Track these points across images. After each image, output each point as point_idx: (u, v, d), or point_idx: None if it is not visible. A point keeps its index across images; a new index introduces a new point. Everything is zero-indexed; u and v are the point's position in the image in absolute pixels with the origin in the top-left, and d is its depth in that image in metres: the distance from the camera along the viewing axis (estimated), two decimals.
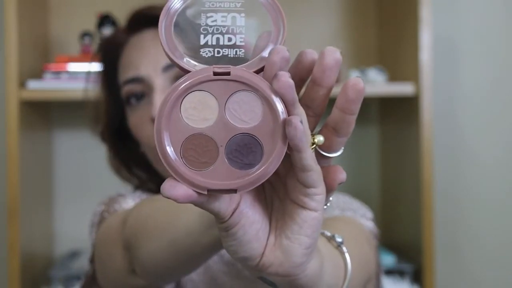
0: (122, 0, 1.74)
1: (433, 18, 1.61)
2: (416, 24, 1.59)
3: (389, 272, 1.62)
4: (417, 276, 1.62)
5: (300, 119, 0.39)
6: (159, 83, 0.83)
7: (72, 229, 1.80)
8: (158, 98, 0.82)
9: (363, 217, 0.85)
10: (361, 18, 1.92)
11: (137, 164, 0.97)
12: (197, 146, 0.41)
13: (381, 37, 1.89)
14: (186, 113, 0.41)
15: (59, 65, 1.60)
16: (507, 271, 1.93)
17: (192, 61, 0.43)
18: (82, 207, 1.50)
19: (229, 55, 0.43)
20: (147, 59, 0.85)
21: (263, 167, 0.40)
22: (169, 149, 0.40)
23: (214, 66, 0.41)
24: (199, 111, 0.41)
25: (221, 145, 0.41)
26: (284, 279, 0.44)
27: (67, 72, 1.59)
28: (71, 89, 1.57)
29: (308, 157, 0.41)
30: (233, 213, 0.42)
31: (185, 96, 0.41)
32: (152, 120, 0.81)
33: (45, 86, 1.56)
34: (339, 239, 0.60)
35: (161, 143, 0.40)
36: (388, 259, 1.63)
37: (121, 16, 1.66)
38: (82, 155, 1.84)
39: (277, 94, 0.40)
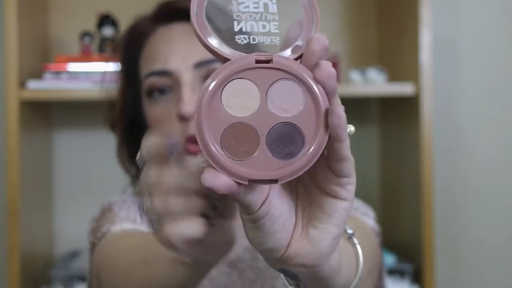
0: (122, 0, 1.75)
1: (433, 18, 1.61)
2: (416, 24, 1.59)
3: (389, 272, 1.62)
4: (417, 276, 1.62)
5: (343, 109, 0.39)
6: (188, 79, 0.80)
7: (72, 229, 1.80)
8: (187, 94, 0.79)
9: (364, 216, 0.85)
10: (361, 18, 1.92)
11: None
12: (238, 136, 0.39)
13: (381, 37, 1.89)
14: (227, 102, 0.40)
15: (59, 65, 1.60)
16: (507, 271, 1.93)
17: (227, 48, 0.41)
18: (82, 207, 1.50)
19: (265, 43, 0.42)
20: (177, 53, 0.82)
21: (305, 157, 0.40)
22: (210, 139, 0.39)
23: (255, 53, 0.40)
24: (240, 100, 0.40)
25: (262, 134, 0.39)
26: (309, 270, 0.43)
27: (67, 72, 1.59)
28: (71, 89, 1.57)
29: (347, 146, 0.40)
30: (262, 204, 0.41)
31: (226, 84, 0.40)
32: (179, 116, 0.78)
33: (45, 86, 1.56)
34: (350, 231, 0.60)
35: (202, 133, 0.39)
36: (388, 259, 1.63)
37: (121, 16, 1.67)
38: (82, 155, 1.84)
39: (318, 83, 0.40)
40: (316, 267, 0.43)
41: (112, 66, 0.95)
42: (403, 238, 1.73)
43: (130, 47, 0.89)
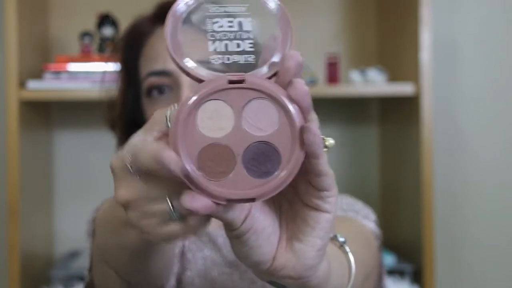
0: (122, 0, 1.75)
1: (433, 18, 1.61)
2: (416, 24, 1.59)
3: (389, 272, 1.62)
4: (417, 276, 1.62)
5: (318, 126, 0.39)
6: (187, 79, 0.77)
7: (72, 229, 1.80)
8: (186, 94, 0.80)
9: (365, 218, 0.85)
10: (361, 18, 1.92)
11: None
12: (214, 156, 0.40)
13: (381, 37, 1.89)
14: (202, 123, 0.40)
15: (59, 65, 1.60)
16: (507, 271, 1.93)
17: (202, 69, 0.42)
18: (82, 207, 1.50)
19: (240, 62, 0.42)
20: None
21: (282, 175, 0.40)
22: (186, 160, 0.39)
23: (228, 74, 0.41)
24: (215, 121, 0.40)
25: (238, 154, 0.40)
26: (297, 281, 0.44)
27: (67, 72, 1.59)
28: (71, 89, 1.57)
29: (324, 162, 0.41)
30: (245, 219, 0.42)
31: (200, 106, 0.40)
32: None
33: (45, 86, 1.56)
34: (341, 239, 0.60)
35: (178, 155, 0.40)
36: (388, 259, 1.63)
37: (121, 16, 1.67)
38: (82, 155, 1.84)
39: (293, 101, 0.40)
40: (303, 279, 0.44)
41: (112, 66, 0.95)
42: (403, 238, 1.73)
43: (130, 47, 0.90)
